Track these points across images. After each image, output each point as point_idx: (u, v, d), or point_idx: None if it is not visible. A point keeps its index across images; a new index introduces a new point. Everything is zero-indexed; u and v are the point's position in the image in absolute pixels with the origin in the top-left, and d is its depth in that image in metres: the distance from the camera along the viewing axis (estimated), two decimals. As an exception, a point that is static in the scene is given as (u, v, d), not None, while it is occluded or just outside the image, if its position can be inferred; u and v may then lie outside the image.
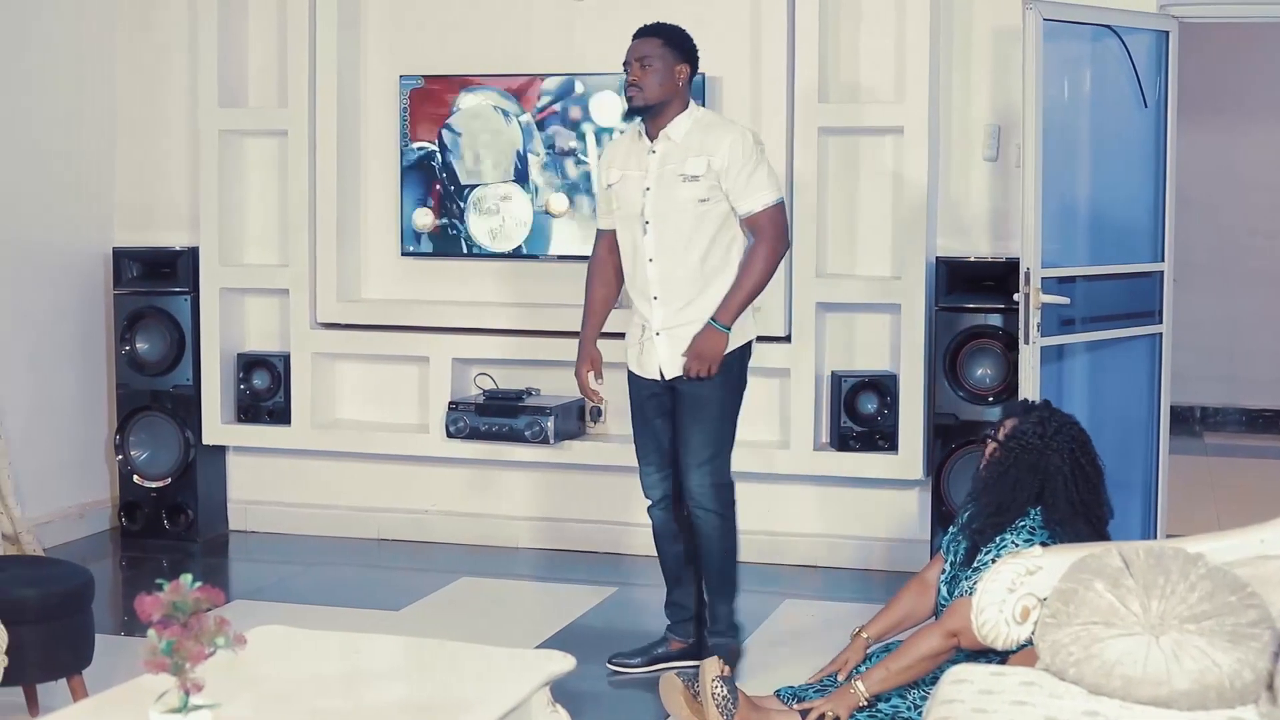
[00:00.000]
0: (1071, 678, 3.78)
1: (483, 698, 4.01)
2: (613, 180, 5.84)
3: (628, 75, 5.74)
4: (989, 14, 7.21)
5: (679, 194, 5.69)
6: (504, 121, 7.55)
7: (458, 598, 6.97)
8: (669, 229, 5.71)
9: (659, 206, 5.71)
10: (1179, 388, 7.43)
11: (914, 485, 7.31)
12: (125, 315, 7.90)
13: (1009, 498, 4.79)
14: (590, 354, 5.99)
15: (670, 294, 5.73)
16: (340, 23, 7.71)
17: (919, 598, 5.09)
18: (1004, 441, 4.87)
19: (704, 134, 5.74)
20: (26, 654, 4.91)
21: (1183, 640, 3.70)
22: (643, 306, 5.80)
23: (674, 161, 5.71)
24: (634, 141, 5.86)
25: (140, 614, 3.25)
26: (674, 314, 5.73)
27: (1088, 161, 6.93)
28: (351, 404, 8.05)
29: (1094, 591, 3.81)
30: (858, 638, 5.07)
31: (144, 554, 7.73)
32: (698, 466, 5.80)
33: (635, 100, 5.73)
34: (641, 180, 5.75)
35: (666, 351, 5.75)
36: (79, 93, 8.00)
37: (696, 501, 5.82)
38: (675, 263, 5.71)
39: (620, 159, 5.86)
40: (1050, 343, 6.56)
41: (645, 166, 5.75)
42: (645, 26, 5.87)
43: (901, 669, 4.67)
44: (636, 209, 5.75)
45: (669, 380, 5.77)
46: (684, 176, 5.69)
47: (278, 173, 7.96)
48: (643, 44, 5.78)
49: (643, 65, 5.72)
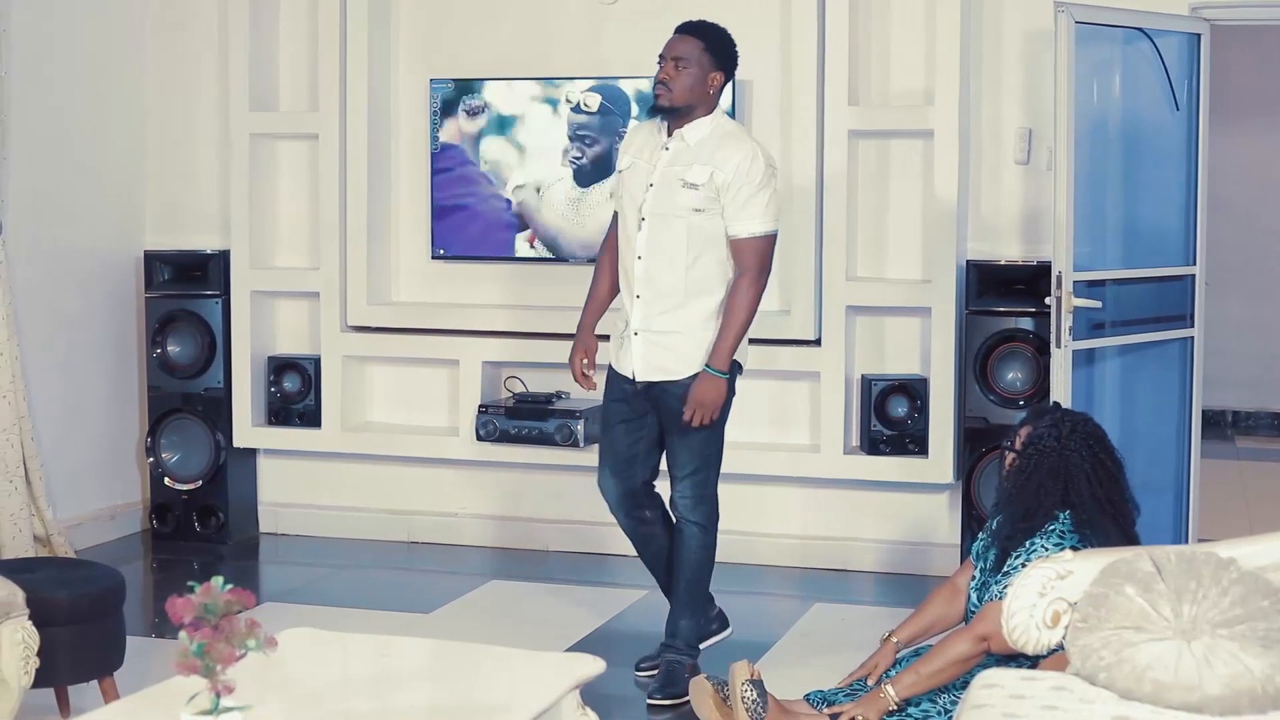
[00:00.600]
0: (1102, 683, 3.76)
1: (512, 701, 4.02)
2: (624, 166, 5.74)
3: (660, 70, 5.58)
4: (1020, 17, 7.19)
5: (677, 198, 5.56)
6: (542, 121, 7.55)
7: (487, 601, 6.97)
8: (663, 230, 5.59)
9: (657, 205, 5.59)
10: (1210, 391, 7.40)
11: (944, 489, 7.30)
12: (157, 318, 7.93)
13: (1034, 503, 4.78)
14: (586, 341, 5.88)
15: (652, 296, 5.61)
16: (371, 26, 7.72)
17: (949, 603, 5.07)
18: (1021, 450, 4.86)
19: (718, 144, 5.58)
20: (58, 656, 4.93)
21: (1215, 645, 3.68)
22: (626, 301, 5.72)
23: (681, 164, 5.58)
24: (653, 132, 5.71)
25: (171, 616, 3.26)
26: (652, 318, 5.61)
27: (1119, 165, 6.91)
28: (382, 407, 8.06)
29: (1125, 596, 3.80)
30: (887, 642, 5.06)
31: (175, 556, 7.76)
32: (682, 478, 5.72)
33: (662, 99, 5.57)
34: (648, 174, 5.62)
35: (641, 354, 5.65)
36: (110, 97, 8.03)
37: (680, 511, 5.76)
38: (662, 266, 5.59)
39: (636, 146, 5.74)
40: (1082, 346, 6.55)
41: (655, 161, 5.63)
42: (690, 24, 5.68)
43: (932, 673, 4.66)
44: (637, 202, 5.63)
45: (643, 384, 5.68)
46: (684, 182, 5.55)
47: (308, 176, 7.98)
48: (683, 42, 5.60)
49: (677, 65, 5.54)
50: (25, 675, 4.75)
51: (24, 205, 7.32)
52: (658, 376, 5.65)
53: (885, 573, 7.37)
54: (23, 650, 4.73)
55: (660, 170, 5.60)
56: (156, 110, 8.22)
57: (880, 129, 7.28)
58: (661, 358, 5.64)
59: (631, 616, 6.54)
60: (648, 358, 5.64)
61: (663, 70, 5.57)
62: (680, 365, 5.63)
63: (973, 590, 4.96)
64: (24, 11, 7.26)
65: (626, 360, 5.69)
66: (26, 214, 7.34)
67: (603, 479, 5.87)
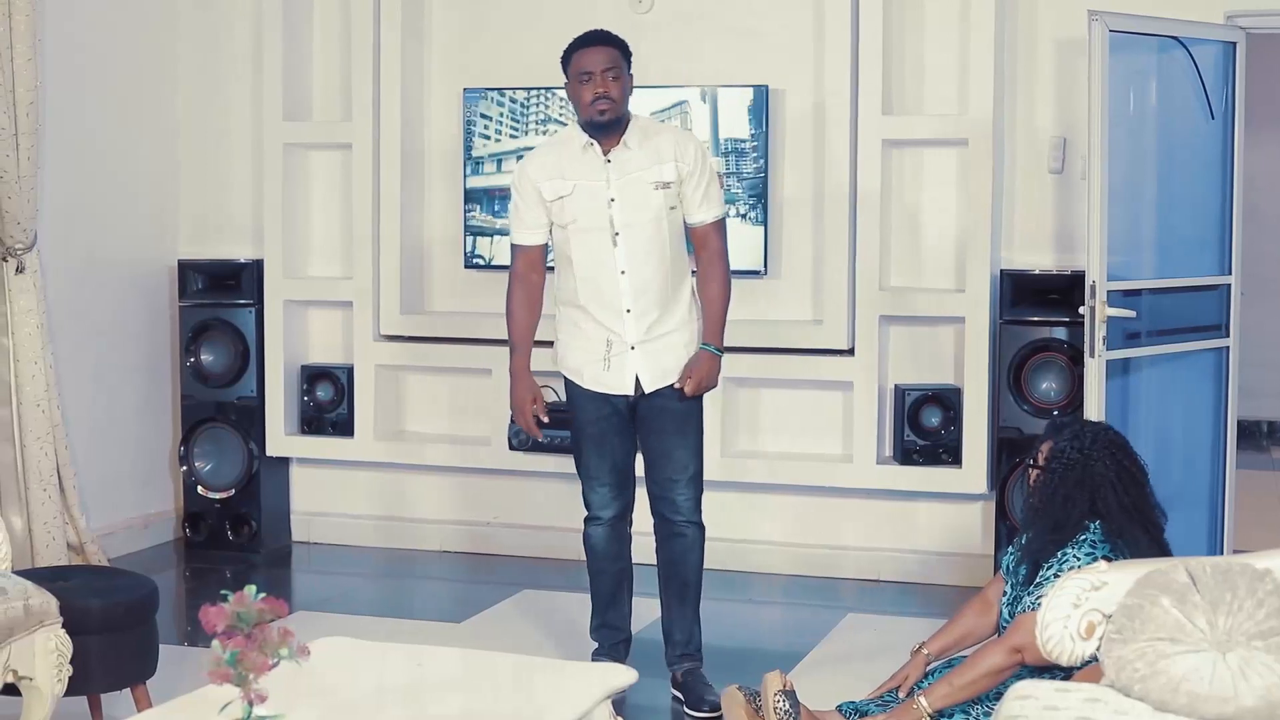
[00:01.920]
0: (1137, 694, 3.74)
1: (545, 711, 4.01)
2: (563, 192, 5.60)
3: (591, 86, 5.52)
4: (1053, 26, 7.17)
5: (650, 202, 5.56)
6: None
7: (519, 610, 6.97)
8: (640, 238, 5.57)
9: (629, 216, 5.56)
10: (1245, 402, 7.36)
11: (978, 499, 7.27)
12: (190, 327, 7.95)
13: (1062, 515, 4.76)
14: (533, 387, 5.72)
15: (644, 305, 5.60)
16: (404, 36, 7.74)
17: (980, 616, 5.06)
18: (1045, 464, 4.84)
19: (658, 139, 5.62)
20: (91, 664, 4.94)
21: (1250, 657, 3.66)
22: (609, 320, 5.62)
23: (638, 169, 5.57)
24: (577, 151, 5.62)
25: (205, 625, 3.26)
26: (649, 327, 5.60)
27: (1154, 174, 6.88)
28: (414, 416, 8.07)
29: (1160, 607, 3.78)
30: (918, 654, 5.05)
31: (208, 565, 7.78)
32: (686, 481, 5.72)
33: (608, 114, 5.53)
34: (603, 190, 5.57)
35: (643, 365, 5.63)
36: (144, 106, 8.06)
37: (684, 516, 5.75)
38: (649, 274, 5.59)
39: (564, 169, 5.61)
40: (1116, 356, 6.52)
41: (604, 176, 5.57)
42: (598, 34, 5.67)
43: (965, 684, 4.65)
44: (601, 220, 5.57)
45: (644, 395, 5.64)
46: (657, 184, 5.56)
47: (342, 185, 8.00)
48: (606, 53, 5.58)
49: (613, 76, 5.55)
50: (58, 683, 4.76)
51: (59, 216, 7.35)
52: (663, 382, 5.65)
53: (918, 583, 7.35)
54: (56, 658, 4.75)
55: (619, 181, 5.57)
56: (190, 120, 8.25)
57: (914, 138, 7.27)
58: (664, 362, 5.65)
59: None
60: (651, 367, 5.64)
61: (598, 84, 5.53)
62: (680, 366, 5.66)
63: (1004, 605, 4.94)
64: (59, 25, 7.29)
65: (618, 378, 5.65)
66: (61, 225, 7.37)
67: (598, 496, 5.81)
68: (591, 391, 5.70)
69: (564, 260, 5.70)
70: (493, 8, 7.83)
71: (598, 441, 5.74)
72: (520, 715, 4.03)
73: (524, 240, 5.72)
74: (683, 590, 5.81)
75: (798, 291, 7.46)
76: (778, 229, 7.43)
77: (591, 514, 5.85)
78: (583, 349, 5.68)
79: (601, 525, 5.83)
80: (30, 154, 6.75)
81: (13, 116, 6.65)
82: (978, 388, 7.12)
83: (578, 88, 5.56)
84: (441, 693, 4.18)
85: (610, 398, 5.68)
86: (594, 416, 5.71)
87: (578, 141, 5.63)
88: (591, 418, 5.71)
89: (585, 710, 4.02)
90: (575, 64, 5.59)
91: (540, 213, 5.65)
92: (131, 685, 5.15)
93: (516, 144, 7.61)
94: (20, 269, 6.81)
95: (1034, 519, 4.85)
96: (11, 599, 4.67)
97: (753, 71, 7.41)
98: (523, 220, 5.70)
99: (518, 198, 5.69)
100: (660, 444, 5.70)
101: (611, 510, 5.81)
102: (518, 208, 5.71)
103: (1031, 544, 4.83)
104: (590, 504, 5.84)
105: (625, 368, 5.63)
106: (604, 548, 5.86)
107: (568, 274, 5.69)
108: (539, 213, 5.65)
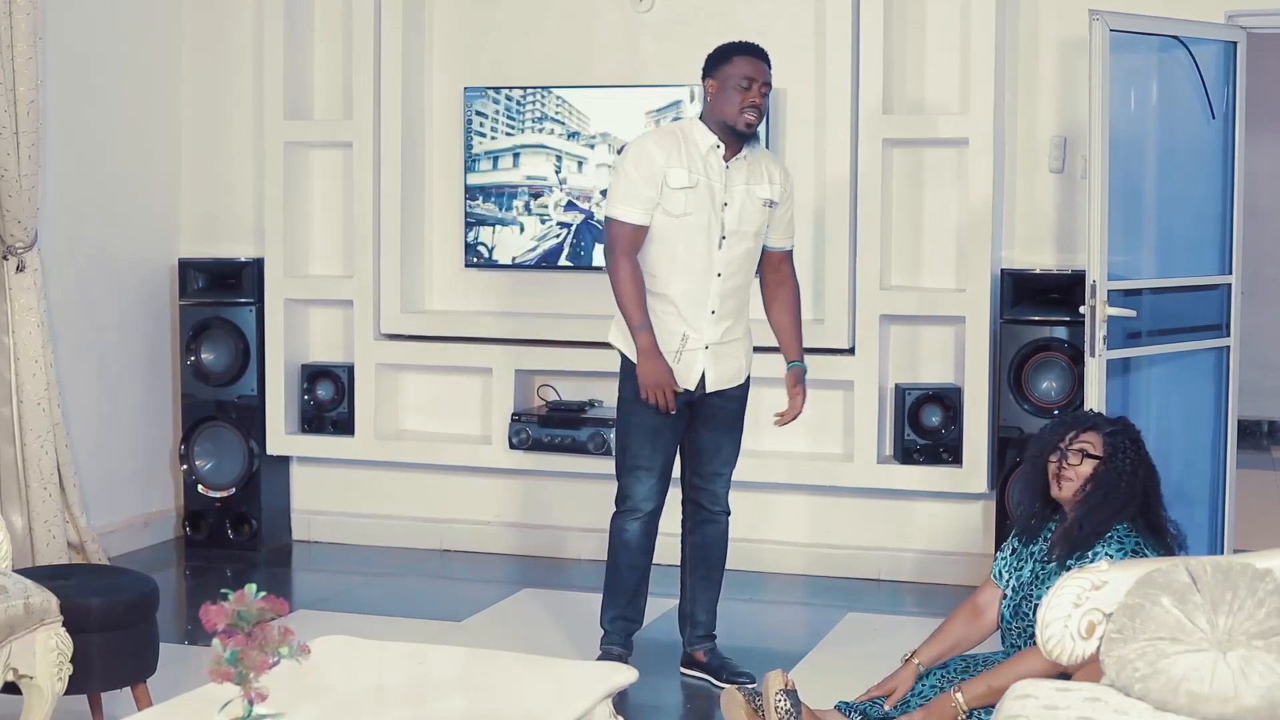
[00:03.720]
0: (1137, 694, 3.74)
1: (545, 710, 4.01)
2: (685, 183, 5.63)
3: (749, 96, 5.61)
4: (1054, 25, 7.17)
5: (757, 217, 5.73)
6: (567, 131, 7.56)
7: (520, 609, 6.97)
8: (741, 247, 5.72)
9: (738, 224, 5.69)
10: (1246, 401, 7.36)
11: (978, 499, 7.28)
12: (191, 326, 7.95)
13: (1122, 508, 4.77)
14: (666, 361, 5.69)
15: (725, 310, 5.74)
16: (405, 34, 7.74)
17: (969, 623, 5.04)
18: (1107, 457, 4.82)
19: (765, 161, 5.84)
20: (91, 662, 4.94)
21: (1250, 656, 3.66)
22: (693, 317, 5.70)
23: (753, 182, 5.71)
24: (700, 147, 5.68)
25: (205, 623, 3.26)
26: (724, 331, 5.75)
27: (1154, 173, 6.88)
28: (415, 415, 8.07)
29: (1160, 607, 3.78)
30: (909, 663, 5.02)
31: (208, 563, 7.78)
32: (725, 475, 5.98)
33: (755, 125, 5.66)
34: (720, 192, 5.66)
35: (711, 365, 5.76)
36: (145, 105, 8.06)
37: (721, 506, 6.01)
38: (739, 282, 5.76)
39: (687, 161, 5.65)
40: (1116, 356, 6.52)
41: (723, 180, 5.67)
42: (761, 49, 5.74)
43: (1004, 687, 4.60)
44: (714, 221, 5.66)
45: (706, 393, 5.78)
46: (766, 201, 5.74)
47: (342, 184, 8.00)
48: (766, 69, 5.69)
49: (766, 92, 5.67)
50: (59, 682, 4.76)
51: (60, 214, 7.35)
52: (726, 385, 5.82)
53: (918, 582, 7.35)
54: (56, 657, 4.75)
55: (734, 189, 5.68)
56: (191, 119, 8.25)
57: (915, 137, 7.27)
58: (728, 366, 5.82)
59: (665, 625, 6.52)
60: (718, 368, 5.79)
61: (755, 95, 5.63)
62: (739, 372, 5.88)
63: (1006, 608, 4.94)
64: (60, 23, 7.29)
65: (687, 373, 5.75)
66: (62, 223, 7.38)
67: (645, 487, 5.85)
68: None
69: (661, 249, 5.70)
70: (494, 6, 7.82)
71: (655, 433, 5.81)
72: (521, 714, 4.03)
73: (637, 219, 5.66)
74: (711, 573, 6.04)
75: (798, 290, 7.45)
76: (778, 228, 7.43)
77: (630, 506, 5.88)
78: (661, 342, 5.71)
79: (640, 519, 5.89)
80: (31, 152, 6.76)
81: (13, 115, 6.66)
82: (978, 387, 7.13)
83: (731, 91, 5.63)
84: (442, 691, 4.18)
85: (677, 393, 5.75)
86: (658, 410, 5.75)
87: (703, 139, 5.70)
88: (654, 409, 5.74)
89: (585, 709, 4.02)
90: (736, 67, 5.65)
91: (655, 194, 5.65)
92: (132, 684, 5.16)
93: (512, 141, 7.61)
94: (21, 267, 6.82)
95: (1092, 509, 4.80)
96: (12, 597, 4.67)
97: (753, 70, 7.40)
98: (637, 199, 5.65)
99: (636, 175, 5.65)
100: (713, 439, 5.89)
101: (653, 503, 5.89)
102: (634, 185, 5.65)
103: (1083, 528, 4.80)
104: (632, 495, 5.87)
105: (695, 365, 5.75)
106: (640, 541, 5.91)
107: (660, 262, 5.71)
108: (654, 195, 5.65)
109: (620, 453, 5.90)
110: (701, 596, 6.03)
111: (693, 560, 6.02)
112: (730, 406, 5.87)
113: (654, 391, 5.66)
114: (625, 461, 5.86)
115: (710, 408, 5.83)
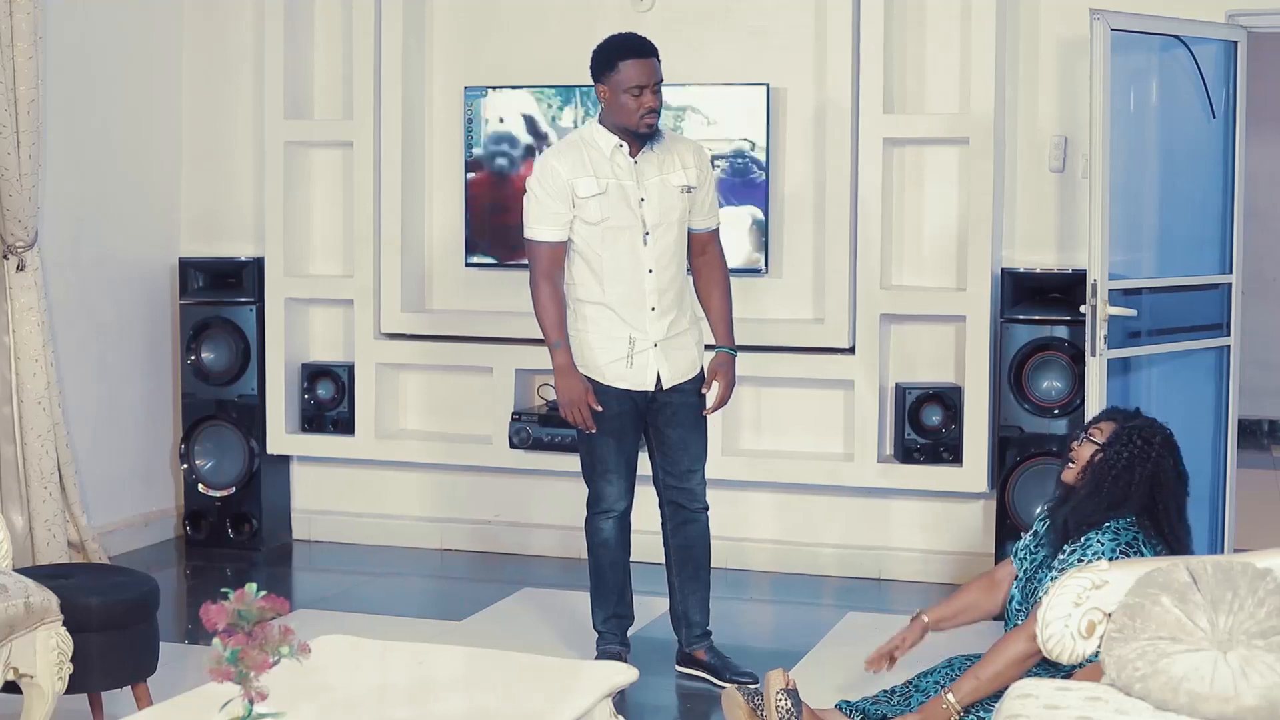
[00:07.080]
0: (1138, 693, 3.74)
1: (546, 709, 4.01)
2: (596, 191, 5.68)
3: (643, 102, 5.62)
4: (1055, 25, 7.17)
5: (676, 205, 5.76)
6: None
7: (520, 608, 6.97)
8: (668, 239, 5.76)
9: (659, 216, 5.73)
10: (1246, 401, 7.36)
11: (978, 498, 7.28)
12: (191, 325, 7.95)
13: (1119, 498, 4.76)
14: (583, 378, 5.76)
15: (665, 304, 5.78)
16: (405, 34, 7.74)
17: (985, 593, 5.08)
18: (1109, 444, 4.83)
19: (677, 146, 5.83)
20: (91, 662, 4.94)
21: (1251, 656, 3.66)
22: (634, 318, 5.75)
23: (665, 172, 5.74)
24: (604, 150, 5.72)
25: (205, 622, 3.26)
26: (668, 325, 5.79)
27: (1155, 173, 6.89)
28: (415, 414, 8.07)
29: (1161, 606, 3.78)
30: (917, 619, 5.07)
31: (208, 563, 7.78)
32: (697, 470, 5.97)
33: (655, 124, 5.71)
34: (634, 190, 5.70)
35: (664, 362, 5.80)
36: (146, 105, 8.05)
37: (699, 503, 6.00)
38: (672, 273, 5.79)
39: (593, 168, 5.70)
40: (1117, 355, 6.52)
41: (633, 176, 5.70)
42: (647, 44, 5.73)
43: (992, 676, 4.61)
44: (633, 220, 5.70)
45: (661, 390, 5.81)
46: (683, 188, 5.76)
47: (343, 184, 8.00)
48: (655, 67, 5.69)
49: (658, 90, 5.68)
50: (59, 681, 4.76)
51: (60, 213, 7.35)
52: (681, 378, 5.86)
53: (919, 582, 7.35)
54: (56, 656, 4.75)
55: (648, 182, 5.71)
56: (192, 118, 8.25)
57: (915, 137, 7.27)
58: (682, 359, 5.86)
59: (662, 624, 6.52)
60: (671, 363, 5.82)
61: (649, 99, 5.64)
62: (694, 364, 5.91)
63: (1016, 588, 4.95)
64: (61, 23, 7.29)
65: (641, 375, 5.79)
66: (62, 222, 7.38)
67: (615, 489, 5.93)
68: (613, 388, 5.81)
69: (587, 259, 5.76)
70: (494, 6, 7.82)
71: (618, 436, 5.86)
72: (521, 713, 4.03)
73: (550, 236, 5.73)
74: (698, 572, 6.04)
75: (799, 290, 7.46)
76: (779, 227, 7.43)
77: (604, 508, 5.95)
78: (605, 347, 5.79)
79: (614, 518, 5.96)
80: (31, 152, 6.76)
81: (14, 114, 6.66)
82: (978, 386, 7.12)
83: (624, 97, 5.64)
84: (442, 691, 4.18)
85: (631, 394, 5.81)
86: (615, 412, 5.82)
87: (605, 142, 5.73)
88: (613, 413, 5.82)
89: (586, 709, 4.02)
90: (625, 74, 5.64)
91: (567, 209, 5.70)
92: (132, 683, 5.16)
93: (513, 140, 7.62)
94: (21, 267, 6.82)
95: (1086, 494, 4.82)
96: (12, 597, 4.67)
97: (754, 70, 7.41)
98: (549, 216, 5.72)
99: (543, 194, 5.71)
100: (680, 436, 5.90)
101: (625, 501, 5.96)
102: (542, 204, 5.72)
103: (1074, 514, 4.81)
104: (604, 497, 5.94)
105: (648, 365, 5.79)
106: (618, 538, 6.00)
107: (590, 272, 5.76)
108: (566, 209, 5.70)
109: (587, 458, 5.95)
110: (692, 596, 6.04)
111: (679, 561, 6.04)
112: (690, 401, 5.89)
113: (569, 410, 5.76)
114: (595, 466, 5.92)
115: (670, 406, 5.86)
